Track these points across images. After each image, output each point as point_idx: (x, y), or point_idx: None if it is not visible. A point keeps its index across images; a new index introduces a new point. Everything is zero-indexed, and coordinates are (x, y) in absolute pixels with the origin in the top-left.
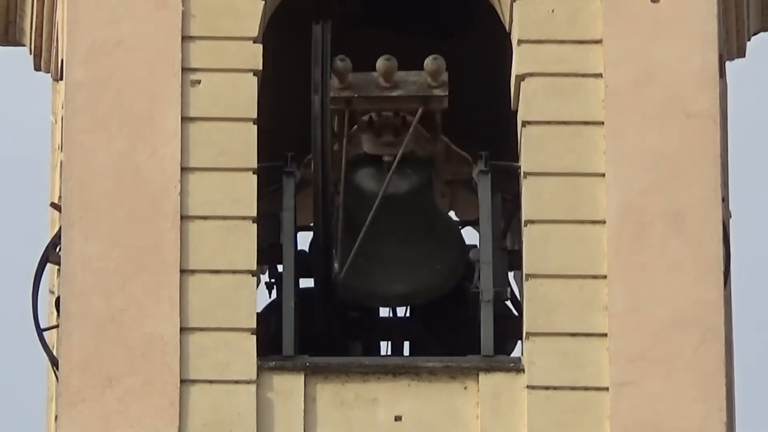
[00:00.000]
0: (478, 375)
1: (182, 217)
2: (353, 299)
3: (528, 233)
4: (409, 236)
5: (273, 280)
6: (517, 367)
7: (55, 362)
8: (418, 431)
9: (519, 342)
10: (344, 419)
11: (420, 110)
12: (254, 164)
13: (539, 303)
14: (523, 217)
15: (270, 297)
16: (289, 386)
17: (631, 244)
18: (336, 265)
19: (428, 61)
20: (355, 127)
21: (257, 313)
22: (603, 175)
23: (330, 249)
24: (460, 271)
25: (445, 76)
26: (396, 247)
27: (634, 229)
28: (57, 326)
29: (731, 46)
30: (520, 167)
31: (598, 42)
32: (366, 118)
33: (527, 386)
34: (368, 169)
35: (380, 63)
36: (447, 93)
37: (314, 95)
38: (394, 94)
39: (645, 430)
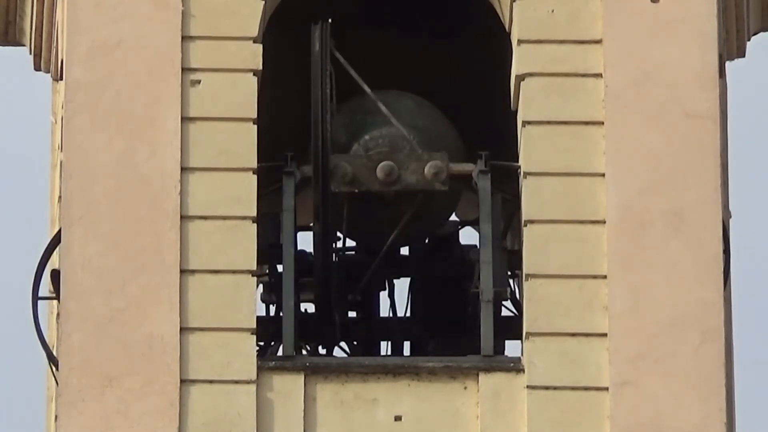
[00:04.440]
0: (478, 375)
1: (182, 217)
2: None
3: (528, 233)
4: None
5: (273, 280)
6: (517, 367)
7: (55, 362)
8: (418, 431)
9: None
10: (344, 419)
11: (420, 203)
12: (254, 164)
13: (539, 303)
14: (523, 217)
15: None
16: (289, 386)
17: (631, 244)
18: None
19: (428, 167)
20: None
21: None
22: (603, 175)
23: (330, 249)
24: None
25: (445, 175)
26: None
27: (634, 229)
28: (57, 297)
29: (731, 46)
30: (520, 167)
31: (598, 42)
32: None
33: (527, 386)
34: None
35: (380, 169)
36: (447, 187)
37: (314, 95)
38: (394, 189)
39: (645, 430)
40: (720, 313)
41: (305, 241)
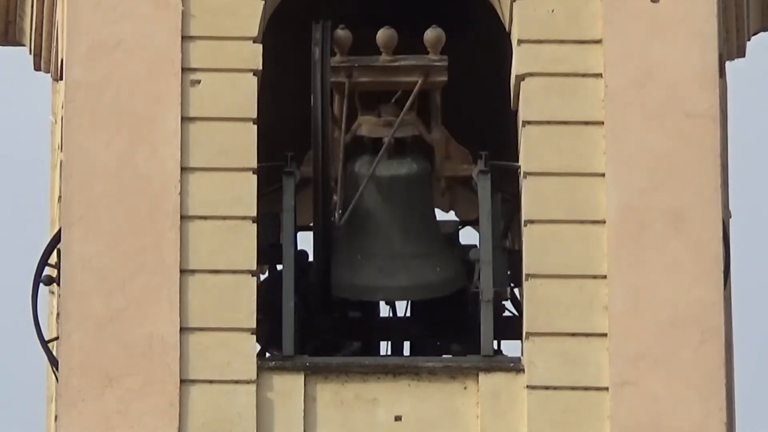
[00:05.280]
0: (478, 375)
1: (182, 217)
2: (351, 293)
3: (528, 233)
4: (407, 230)
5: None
6: (517, 367)
7: (55, 362)
8: (418, 431)
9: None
10: (344, 419)
11: (420, 81)
12: (254, 164)
13: (539, 303)
14: (523, 217)
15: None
16: (289, 386)
17: (631, 244)
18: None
19: (428, 32)
20: (356, 120)
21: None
22: (603, 175)
23: (330, 249)
24: (460, 279)
25: (443, 44)
26: (394, 241)
27: (634, 229)
28: (57, 338)
29: (731, 46)
30: (520, 167)
31: (598, 42)
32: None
33: (527, 386)
34: (367, 155)
35: (380, 33)
36: (446, 64)
37: (314, 95)
38: (395, 64)
39: (645, 430)
40: (720, 313)
41: (305, 241)
